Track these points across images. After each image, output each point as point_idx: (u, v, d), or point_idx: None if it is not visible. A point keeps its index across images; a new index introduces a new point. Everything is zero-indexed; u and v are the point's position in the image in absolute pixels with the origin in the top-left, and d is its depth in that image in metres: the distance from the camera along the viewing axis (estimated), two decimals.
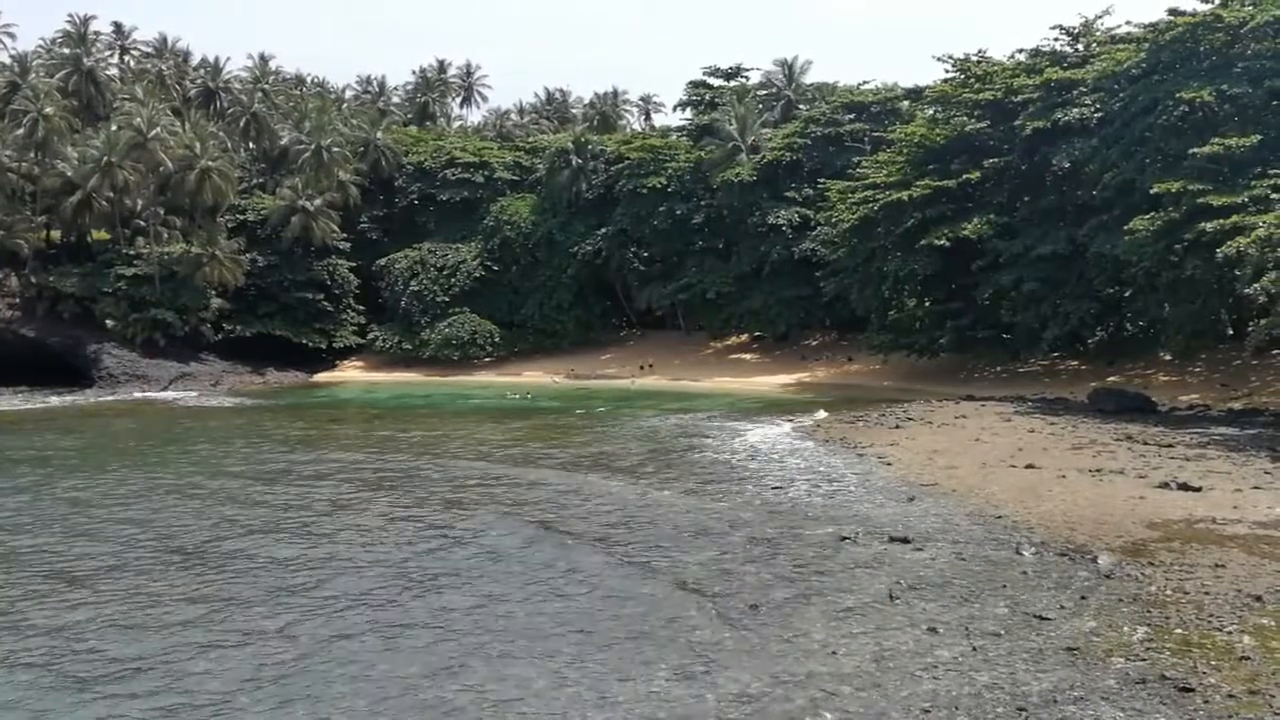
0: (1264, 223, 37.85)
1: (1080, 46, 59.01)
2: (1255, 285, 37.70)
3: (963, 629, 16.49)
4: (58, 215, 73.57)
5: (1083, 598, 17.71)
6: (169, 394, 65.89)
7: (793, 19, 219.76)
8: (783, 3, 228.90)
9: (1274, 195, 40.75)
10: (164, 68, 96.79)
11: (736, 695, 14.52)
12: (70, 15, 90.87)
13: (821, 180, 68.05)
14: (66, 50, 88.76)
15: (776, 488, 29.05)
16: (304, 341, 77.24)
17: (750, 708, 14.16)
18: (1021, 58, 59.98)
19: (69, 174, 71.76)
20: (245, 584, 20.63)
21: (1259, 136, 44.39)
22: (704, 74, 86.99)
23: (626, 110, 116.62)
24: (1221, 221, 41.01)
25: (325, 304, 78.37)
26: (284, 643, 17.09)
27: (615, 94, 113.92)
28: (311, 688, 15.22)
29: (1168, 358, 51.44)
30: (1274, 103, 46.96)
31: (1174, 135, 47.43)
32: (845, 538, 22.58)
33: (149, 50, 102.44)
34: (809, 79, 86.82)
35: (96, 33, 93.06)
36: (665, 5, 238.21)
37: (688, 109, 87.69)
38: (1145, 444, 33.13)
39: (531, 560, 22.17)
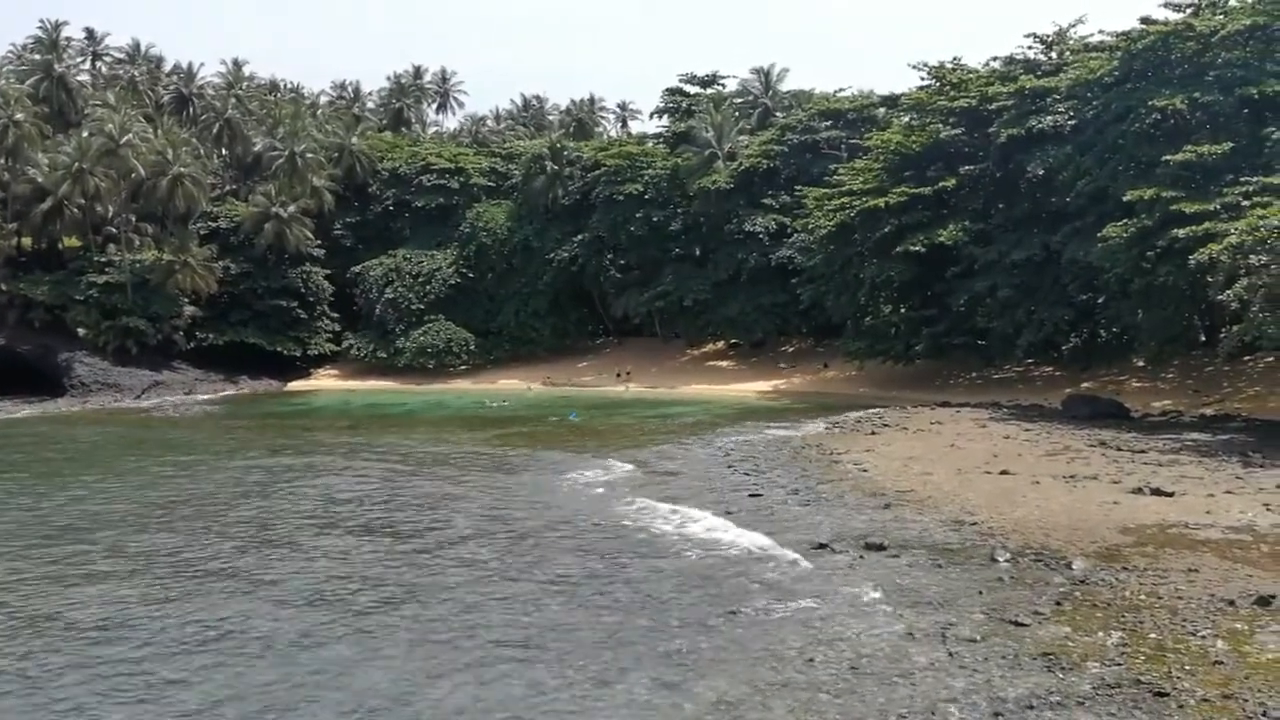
0: (1235, 230, 38.10)
1: (1054, 55, 59.47)
2: (1227, 292, 37.98)
3: (939, 635, 16.50)
4: (28, 222, 72.88)
5: (1058, 603, 17.77)
6: (146, 401, 65.45)
7: (769, 27, 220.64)
8: (760, 11, 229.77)
9: (1245, 203, 41.05)
10: (136, 74, 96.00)
11: (714, 703, 14.48)
12: (42, 21, 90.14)
13: (798, 187, 68.21)
14: (38, 56, 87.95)
15: (753, 495, 29.00)
16: (278, 349, 76.71)
17: (728, 715, 14.12)
18: (996, 65, 60.39)
19: (40, 181, 71.11)
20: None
21: (1230, 144, 44.80)
22: (680, 81, 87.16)
23: (603, 117, 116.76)
24: (1194, 229, 41.30)
25: (299, 312, 77.86)
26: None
27: (592, 100, 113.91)
28: (288, 703, 15.10)
29: (1141, 364, 51.76)
30: (1245, 110, 47.42)
31: (1146, 143, 47.80)
32: (822, 545, 22.56)
33: (121, 56, 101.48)
34: (785, 86, 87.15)
35: (68, 39, 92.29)
36: (644, 13, 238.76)
37: (664, 116, 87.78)
38: (1119, 450, 33.33)
39: (507, 569, 22.05)
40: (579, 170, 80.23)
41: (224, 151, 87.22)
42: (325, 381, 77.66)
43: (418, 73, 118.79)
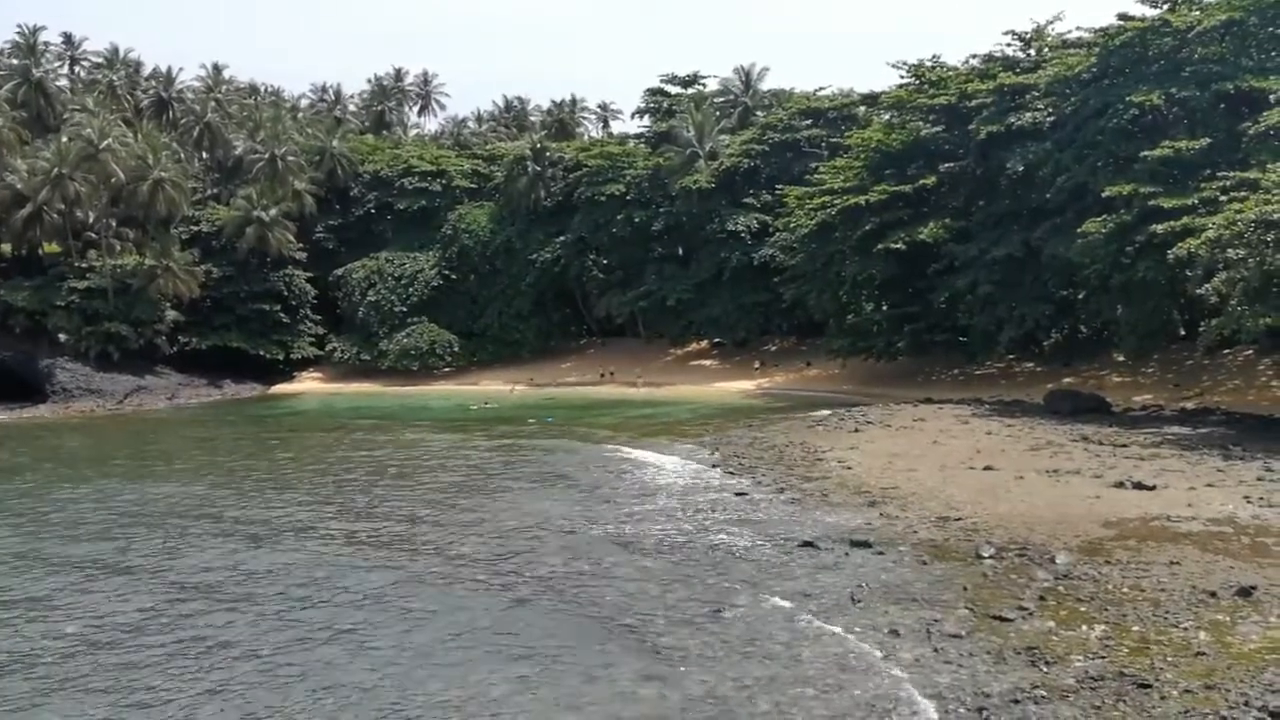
0: (1213, 224, 38.29)
1: (1032, 52, 59.65)
2: (1206, 286, 38.21)
3: (924, 631, 16.60)
4: (7, 228, 72.44)
5: (1041, 598, 17.88)
6: (127, 407, 65.15)
7: (750, 27, 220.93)
8: (741, 11, 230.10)
9: (1223, 197, 41.30)
10: (115, 78, 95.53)
11: (701, 697, 14.56)
12: (19, 26, 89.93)
13: (779, 186, 68.36)
14: (15, 61, 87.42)
15: (738, 493, 29.10)
16: (261, 353, 76.53)
17: (715, 710, 14.19)
18: (975, 63, 60.58)
19: (19, 186, 70.69)
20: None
21: (1207, 139, 45.06)
22: (661, 81, 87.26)
23: (584, 118, 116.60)
24: (1172, 224, 41.55)
25: (282, 315, 77.66)
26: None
27: (573, 101, 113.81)
28: (272, 702, 15.11)
29: (1121, 359, 52.02)
30: (1221, 106, 47.70)
31: (1125, 138, 48.05)
32: (807, 542, 22.65)
33: (100, 61, 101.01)
34: (766, 85, 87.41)
35: (46, 43, 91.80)
36: (625, 15, 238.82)
37: (645, 116, 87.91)
38: (1100, 444, 33.49)
39: (495, 568, 22.08)
40: (561, 171, 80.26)
41: (204, 155, 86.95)
42: (309, 385, 77.49)
43: (399, 75, 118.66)
